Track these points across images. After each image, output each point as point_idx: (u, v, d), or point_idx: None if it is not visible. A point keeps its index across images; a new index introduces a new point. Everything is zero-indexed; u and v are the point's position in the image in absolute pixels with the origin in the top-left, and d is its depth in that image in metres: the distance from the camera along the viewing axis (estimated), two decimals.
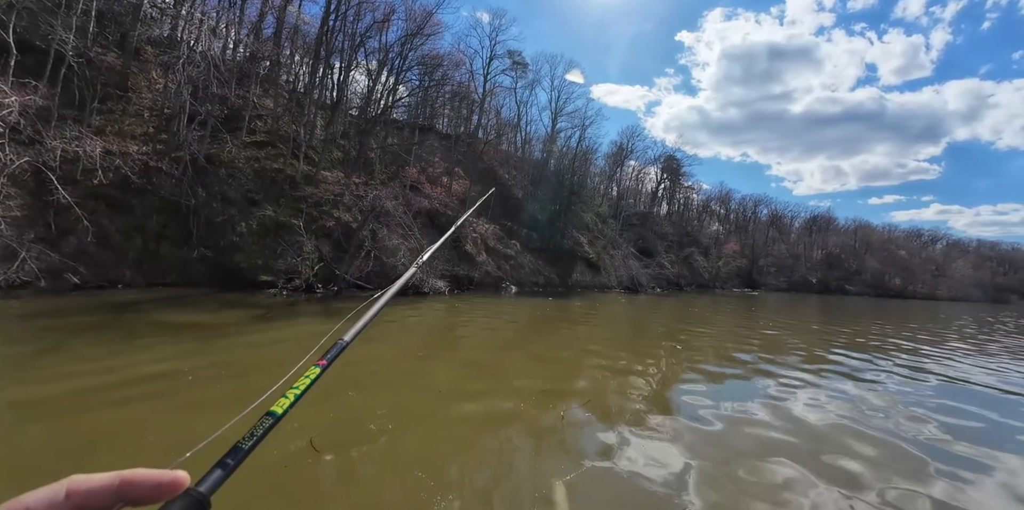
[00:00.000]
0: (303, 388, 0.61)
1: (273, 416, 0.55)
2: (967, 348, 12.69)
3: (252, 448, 0.50)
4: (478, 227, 26.72)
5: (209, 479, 0.45)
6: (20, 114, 11.09)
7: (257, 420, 0.53)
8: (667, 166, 58.68)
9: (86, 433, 3.77)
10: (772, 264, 70.23)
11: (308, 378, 0.63)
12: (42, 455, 3.38)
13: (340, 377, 5.90)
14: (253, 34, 23.72)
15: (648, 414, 5.17)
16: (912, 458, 4.37)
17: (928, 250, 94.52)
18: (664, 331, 13.12)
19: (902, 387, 7.33)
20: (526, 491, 3.37)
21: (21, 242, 10.48)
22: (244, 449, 0.50)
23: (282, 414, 0.56)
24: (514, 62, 41.83)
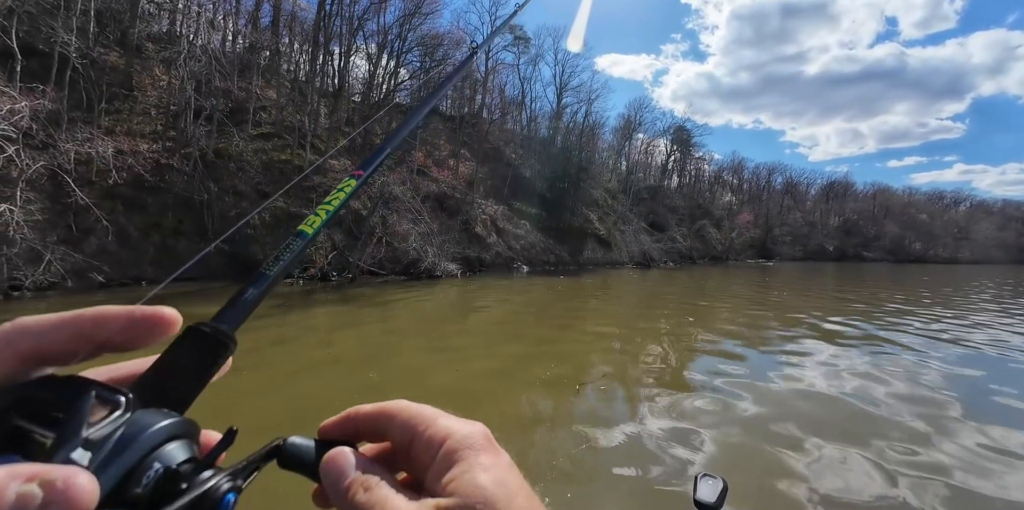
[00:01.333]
0: (337, 203, 0.49)
1: (303, 236, 0.44)
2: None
3: (279, 273, 0.41)
4: (487, 208, 26.80)
5: (227, 311, 0.36)
6: (31, 119, 11.35)
7: (283, 242, 0.43)
8: (677, 137, 57.63)
9: None
10: (787, 233, 69.28)
11: (343, 192, 0.51)
12: None
13: (360, 360, 6.20)
14: (251, 24, 23.62)
15: (661, 387, 5.36)
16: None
17: (950, 212, 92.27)
18: (675, 306, 13.24)
19: (902, 355, 7.42)
20: (545, 462, 3.60)
21: (45, 244, 10.90)
22: (269, 275, 0.40)
23: (313, 234, 0.45)
24: (516, 37, 40.98)
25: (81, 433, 0.24)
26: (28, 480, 0.20)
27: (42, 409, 0.25)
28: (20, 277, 10.22)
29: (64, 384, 0.27)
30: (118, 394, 0.26)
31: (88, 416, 0.24)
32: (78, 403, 0.25)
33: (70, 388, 0.26)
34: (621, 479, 3.42)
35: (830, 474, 3.49)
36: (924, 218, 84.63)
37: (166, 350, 0.31)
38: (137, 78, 16.93)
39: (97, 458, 0.23)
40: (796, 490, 3.27)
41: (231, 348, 0.33)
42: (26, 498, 0.20)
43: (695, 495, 1.38)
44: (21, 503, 0.20)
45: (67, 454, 0.23)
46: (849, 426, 4.41)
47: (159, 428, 0.26)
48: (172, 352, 0.31)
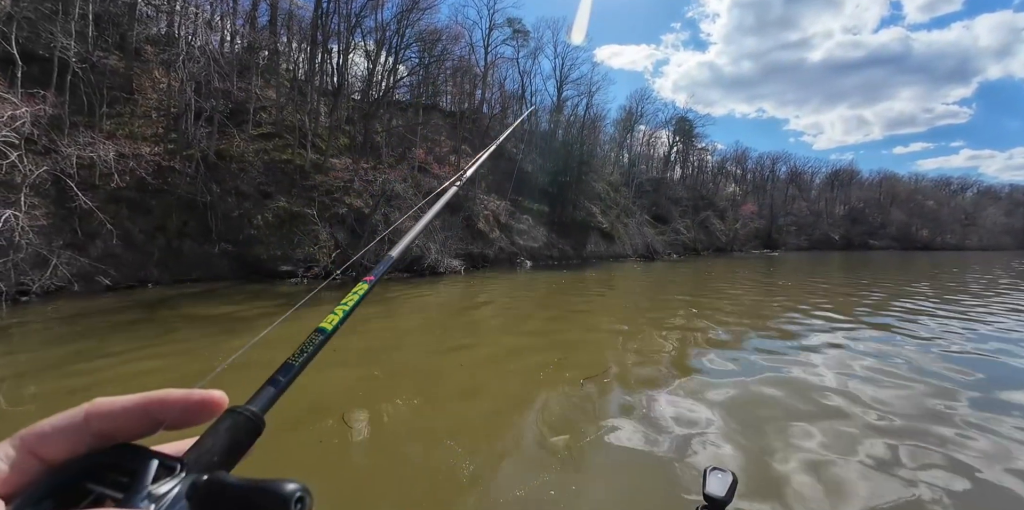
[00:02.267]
0: (352, 304, 0.58)
1: (323, 332, 0.52)
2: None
3: (303, 365, 0.48)
4: (489, 204, 26.75)
5: (260, 397, 0.42)
6: (33, 124, 11.39)
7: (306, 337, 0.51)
8: (679, 128, 57.19)
9: None
10: (792, 223, 68.80)
11: (356, 294, 0.61)
12: None
13: (365, 358, 6.21)
14: (248, 24, 23.55)
15: (666, 378, 5.35)
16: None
17: (957, 199, 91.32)
18: (678, 298, 13.20)
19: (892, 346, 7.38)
20: (551, 454, 3.61)
21: (51, 249, 10.97)
22: (295, 366, 0.48)
23: (332, 330, 0.53)
24: (515, 30, 40.68)
25: (147, 488, 0.29)
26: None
27: (110, 474, 0.30)
28: (27, 282, 10.30)
29: (131, 452, 0.31)
30: (175, 461, 0.31)
31: (152, 476, 0.29)
32: (145, 465, 0.30)
33: (136, 456, 0.31)
34: (627, 471, 3.41)
35: (839, 465, 3.48)
36: (931, 205, 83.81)
37: (210, 428, 0.36)
38: (137, 81, 16.94)
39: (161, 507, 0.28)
40: (806, 481, 3.26)
41: (261, 429, 0.38)
42: None
43: (704, 489, 1.37)
44: None
45: (137, 502, 0.28)
46: (853, 417, 4.39)
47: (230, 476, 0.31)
48: (216, 430, 0.36)
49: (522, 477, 3.35)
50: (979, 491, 3.18)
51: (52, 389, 5.03)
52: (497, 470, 3.48)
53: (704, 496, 1.35)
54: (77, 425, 0.30)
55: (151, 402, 0.32)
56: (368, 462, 3.61)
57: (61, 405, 0.29)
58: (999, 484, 3.27)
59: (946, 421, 4.28)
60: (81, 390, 4.95)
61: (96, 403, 0.31)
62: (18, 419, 4.21)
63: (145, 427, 0.32)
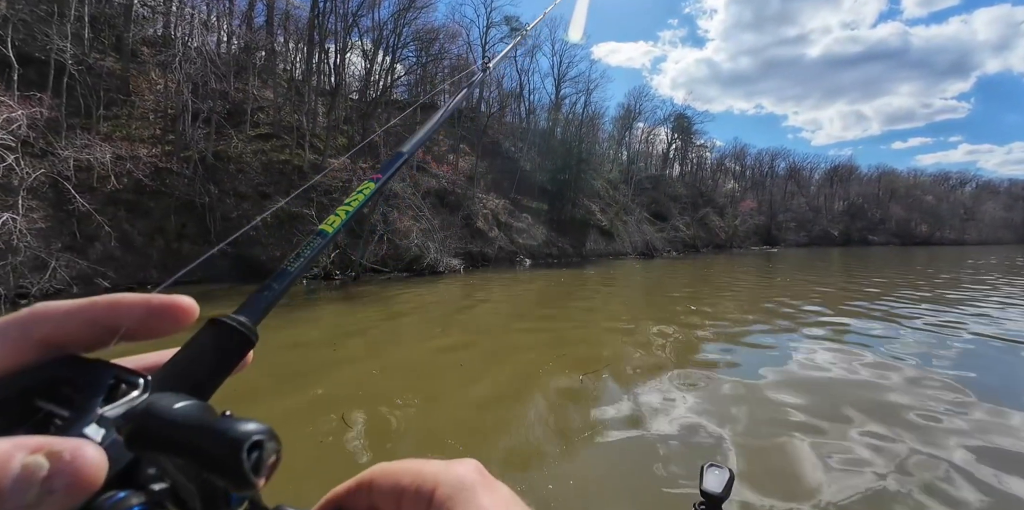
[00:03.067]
0: (356, 205, 0.51)
1: (323, 235, 0.46)
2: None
3: (300, 269, 0.43)
4: (488, 203, 26.74)
5: (250, 304, 0.36)
6: (29, 127, 11.37)
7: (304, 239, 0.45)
8: (677, 125, 57.19)
9: None
10: (791, 219, 68.80)
11: (362, 194, 0.53)
12: None
13: (365, 357, 6.22)
14: (245, 24, 23.52)
15: (665, 374, 5.35)
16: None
17: (956, 194, 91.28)
18: (677, 295, 13.21)
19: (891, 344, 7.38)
20: (550, 450, 3.61)
21: (50, 252, 10.96)
22: (291, 271, 0.42)
23: (333, 233, 0.47)
24: (512, 28, 40.61)
25: (96, 410, 0.23)
26: (34, 451, 0.20)
27: (62, 390, 0.24)
28: (26, 285, 10.29)
29: (84, 365, 0.26)
30: (137, 377, 0.26)
31: (103, 395, 0.24)
32: (96, 382, 0.25)
33: (90, 369, 0.26)
34: (624, 466, 3.42)
35: (841, 458, 3.49)
36: (930, 200, 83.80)
37: (188, 341, 0.30)
38: (133, 83, 16.92)
39: (110, 436, 0.23)
40: (806, 476, 3.26)
41: (253, 341, 0.33)
42: (31, 469, 0.20)
43: (701, 485, 1.37)
44: (26, 474, 0.19)
45: (80, 429, 0.22)
46: (857, 409, 4.39)
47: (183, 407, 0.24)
48: (194, 343, 0.30)
49: (522, 472, 3.37)
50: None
51: None
52: (497, 466, 3.49)
53: (701, 492, 1.35)
54: (16, 331, 0.25)
55: (99, 305, 0.27)
56: (370, 461, 3.61)
57: None
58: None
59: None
60: None
61: (36, 306, 0.26)
62: None
63: (96, 336, 0.27)
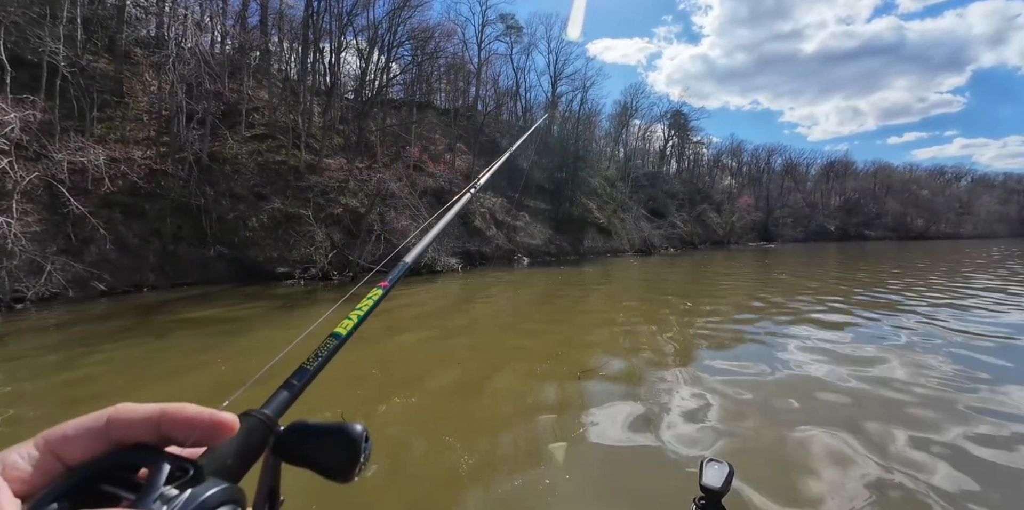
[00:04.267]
0: (366, 309, 0.60)
1: (337, 337, 0.53)
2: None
3: (318, 369, 0.49)
4: (486, 201, 26.71)
5: (275, 400, 0.43)
6: (22, 130, 11.31)
7: (320, 342, 0.52)
8: (674, 122, 57.20)
9: None
10: (788, 215, 68.98)
11: (371, 300, 0.62)
12: None
13: (362, 358, 6.20)
14: (239, 24, 23.40)
15: (661, 370, 5.36)
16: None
17: (952, 188, 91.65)
18: (673, 292, 13.22)
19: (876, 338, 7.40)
20: (544, 448, 3.61)
21: (45, 255, 10.90)
22: (310, 370, 0.48)
23: (346, 335, 0.55)
24: (508, 26, 40.55)
25: (159, 489, 0.29)
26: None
27: (125, 476, 0.30)
28: (22, 289, 10.24)
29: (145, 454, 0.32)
30: (188, 463, 0.32)
31: (164, 477, 0.30)
32: (158, 467, 0.30)
33: (151, 458, 0.31)
34: (623, 462, 3.42)
35: (839, 456, 3.49)
36: (925, 194, 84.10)
37: None
38: (127, 84, 16.83)
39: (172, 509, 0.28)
40: (806, 472, 3.27)
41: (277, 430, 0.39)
42: None
43: (701, 480, 1.36)
44: None
45: (148, 504, 0.28)
46: (853, 406, 4.40)
47: (218, 491, 0.31)
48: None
49: (519, 469, 3.37)
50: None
51: (47, 399, 5.00)
52: (495, 463, 3.49)
53: (701, 487, 1.34)
54: (98, 430, 0.31)
55: (164, 416, 0.32)
56: (372, 459, 3.60)
57: (56, 416, 0.30)
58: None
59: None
60: (78, 400, 4.93)
61: (119, 409, 0.32)
62: (12, 429, 4.19)
63: (156, 441, 0.32)
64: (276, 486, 0.36)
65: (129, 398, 0.31)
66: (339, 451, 0.36)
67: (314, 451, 0.36)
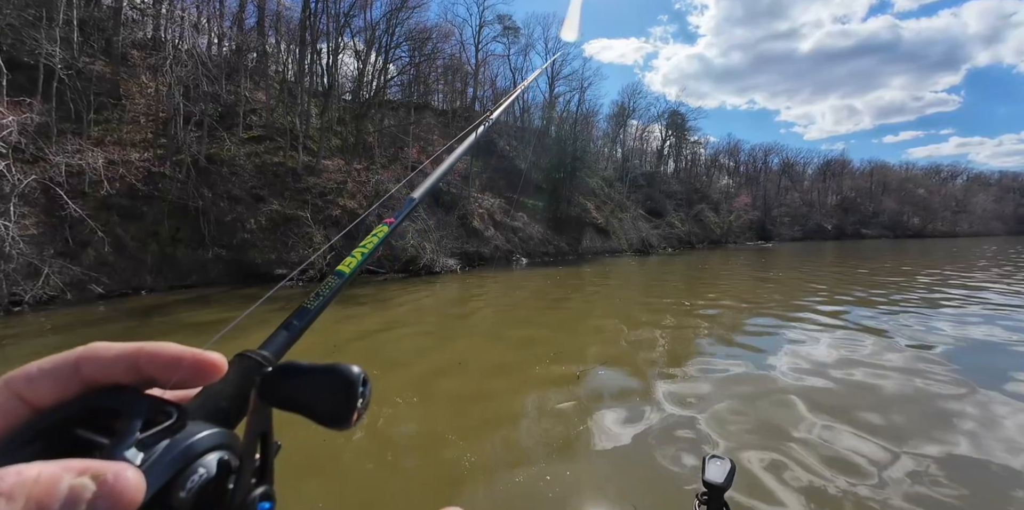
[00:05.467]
0: (371, 247, 0.56)
1: (340, 275, 0.50)
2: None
3: (319, 309, 0.46)
4: (484, 202, 26.73)
5: (273, 341, 0.40)
6: (20, 132, 11.28)
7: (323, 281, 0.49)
8: (671, 122, 57.28)
9: None
10: (785, 214, 69.15)
11: (376, 236, 0.58)
12: None
13: (362, 357, 6.20)
14: (236, 25, 23.39)
15: (660, 369, 5.38)
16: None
17: (948, 186, 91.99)
18: (671, 291, 13.25)
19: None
20: (543, 448, 3.62)
21: (42, 258, 10.87)
22: (310, 310, 0.45)
23: (350, 274, 0.51)
24: (505, 27, 40.61)
25: (134, 435, 0.26)
26: (80, 473, 0.22)
27: (100, 420, 0.27)
28: (20, 292, 10.20)
29: (122, 396, 0.28)
30: (171, 406, 0.29)
31: (141, 422, 0.27)
32: (134, 410, 0.27)
33: (128, 399, 0.28)
34: (623, 458, 3.44)
35: (838, 453, 3.51)
36: (922, 193, 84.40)
37: None
38: (124, 86, 16.80)
39: (148, 459, 0.25)
40: (802, 469, 3.29)
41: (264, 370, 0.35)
42: (78, 490, 0.21)
43: (704, 476, 1.38)
44: (73, 495, 0.21)
45: (120, 452, 0.25)
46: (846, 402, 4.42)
47: (205, 436, 0.28)
48: (223, 375, 0.33)
49: (520, 465, 3.39)
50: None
51: None
52: (497, 460, 3.51)
53: (704, 482, 1.36)
54: (68, 369, 0.28)
55: (142, 354, 0.30)
56: (373, 458, 3.62)
57: None
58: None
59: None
60: None
61: (91, 347, 0.29)
62: None
63: (135, 381, 0.30)
64: (268, 431, 0.32)
65: None
66: (334, 394, 0.31)
67: (305, 394, 0.32)
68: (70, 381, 0.28)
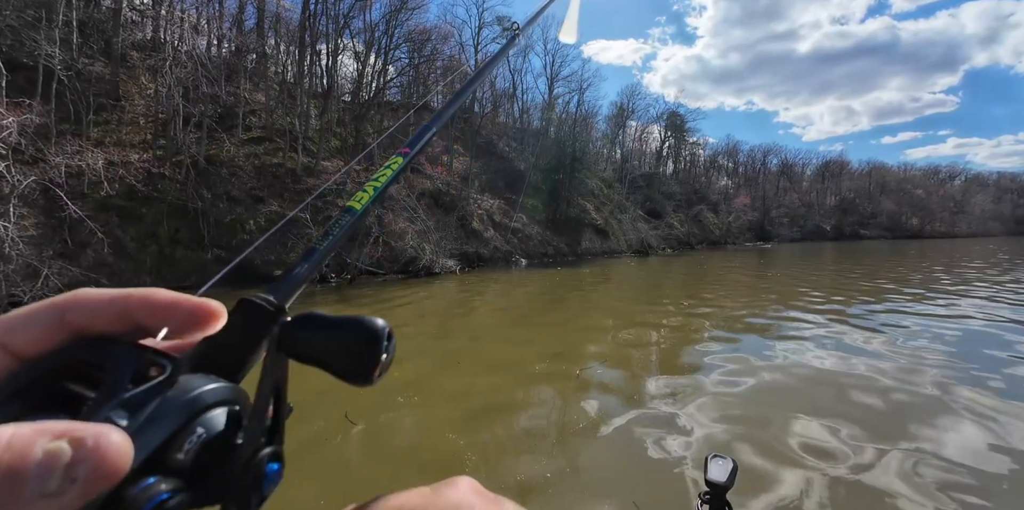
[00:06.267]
0: (385, 180, 0.50)
1: (351, 212, 0.45)
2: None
3: (329, 247, 0.42)
4: (483, 203, 26.75)
5: (280, 284, 0.36)
6: (19, 133, 11.28)
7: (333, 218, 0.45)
8: (670, 123, 57.35)
9: None
10: (784, 215, 69.24)
11: (391, 169, 0.52)
12: None
13: None
14: (235, 27, 23.42)
15: (659, 368, 5.39)
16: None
17: (946, 187, 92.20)
18: (670, 292, 13.27)
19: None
20: (543, 446, 3.63)
21: (42, 260, 10.86)
22: (319, 249, 0.42)
23: (361, 210, 0.46)
24: (504, 28, 40.65)
25: (121, 394, 0.23)
26: (57, 437, 0.19)
27: (92, 373, 0.24)
28: (19, 293, 10.19)
29: (112, 347, 0.26)
30: (164, 358, 0.26)
31: (130, 377, 0.24)
32: (123, 364, 0.24)
33: (118, 351, 0.25)
34: (621, 457, 3.45)
35: (836, 451, 3.52)
36: (920, 193, 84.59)
37: None
38: (124, 87, 16.80)
39: (137, 420, 0.22)
40: (801, 467, 3.30)
41: (282, 319, 0.31)
42: (53, 455, 0.19)
43: (706, 475, 1.39)
44: (48, 460, 0.18)
45: (104, 413, 0.22)
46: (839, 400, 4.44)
47: (204, 391, 0.25)
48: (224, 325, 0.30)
49: (521, 463, 3.41)
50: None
51: None
52: (498, 458, 3.52)
53: (706, 482, 1.37)
54: (53, 316, 0.25)
55: (132, 299, 0.27)
56: (374, 457, 3.63)
57: None
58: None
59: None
60: None
61: (78, 293, 0.27)
62: None
63: (126, 329, 0.27)
64: (283, 387, 0.29)
65: None
66: (357, 347, 0.28)
67: (327, 347, 0.29)
68: (55, 329, 0.25)
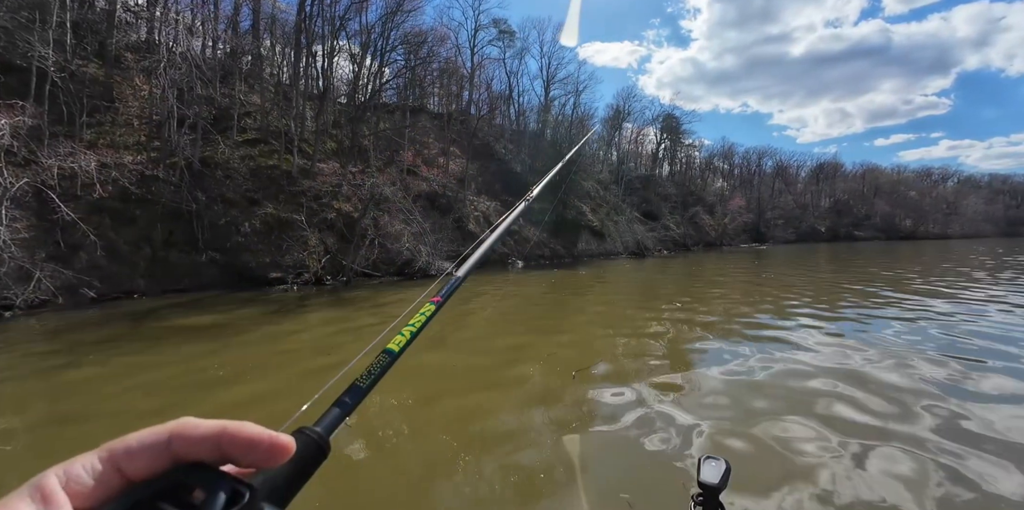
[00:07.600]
0: (419, 325, 0.60)
1: (390, 354, 0.53)
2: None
3: (371, 386, 0.50)
4: (479, 205, 26.75)
5: (326, 418, 0.43)
6: (12, 135, 11.20)
7: (373, 359, 0.52)
8: (666, 125, 57.54)
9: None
10: (779, 216, 69.56)
11: (424, 315, 0.62)
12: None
13: (360, 359, 6.17)
14: (230, 29, 23.36)
15: (654, 369, 5.38)
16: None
17: (939, 189, 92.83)
18: (665, 293, 13.29)
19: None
20: (540, 446, 3.62)
21: (34, 262, 10.76)
22: (362, 388, 0.49)
23: (399, 352, 0.54)
24: (500, 31, 40.70)
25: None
26: None
27: (184, 496, 0.30)
28: (11, 296, 10.10)
29: (205, 474, 0.31)
30: (244, 487, 0.31)
31: (222, 502, 0.29)
32: (216, 489, 0.30)
33: (210, 478, 0.31)
34: (618, 458, 3.44)
35: (834, 450, 3.53)
36: (913, 195, 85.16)
37: None
38: (117, 89, 16.71)
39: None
40: (801, 465, 3.30)
41: (327, 453, 0.39)
42: None
43: (699, 477, 1.38)
44: None
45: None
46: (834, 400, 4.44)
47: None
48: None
49: (516, 462, 3.41)
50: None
51: (39, 411, 4.95)
52: (493, 460, 3.50)
53: (699, 483, 1.36)
54: (162, 445, 0.31)
55: (225, 435, 0.32)
56: (374, 456, 3.61)
57: (49, 432, 0.28)
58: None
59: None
60: (70, 411, 4.88)
61: (182, 424, 0.32)
62: (4, 441, 4.14)
63: (215, 458, 0.32)
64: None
65: (124, 411, 0.32)
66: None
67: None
68: (162, 456, 0.30)
